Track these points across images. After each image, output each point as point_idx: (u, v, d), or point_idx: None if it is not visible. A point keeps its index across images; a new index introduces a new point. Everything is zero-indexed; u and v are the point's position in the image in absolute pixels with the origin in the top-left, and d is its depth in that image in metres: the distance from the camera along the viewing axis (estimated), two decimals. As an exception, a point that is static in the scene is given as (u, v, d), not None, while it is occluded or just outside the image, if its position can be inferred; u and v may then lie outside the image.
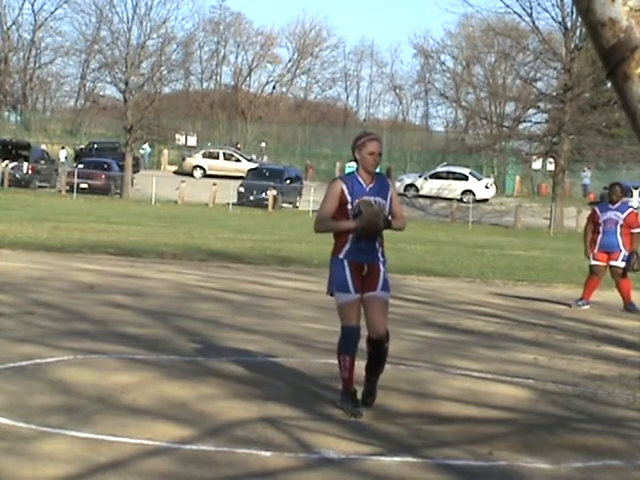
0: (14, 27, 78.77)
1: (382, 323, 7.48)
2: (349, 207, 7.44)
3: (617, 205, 15.29)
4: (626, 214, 15.23)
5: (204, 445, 6.32)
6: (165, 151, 63.86)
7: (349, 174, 7.75)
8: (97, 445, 6.17)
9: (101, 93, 74.12)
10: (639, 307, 15.10)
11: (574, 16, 46.22)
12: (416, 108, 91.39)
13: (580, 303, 15.33)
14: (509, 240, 37.36)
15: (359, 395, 7.54)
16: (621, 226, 15.14)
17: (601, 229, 15.22)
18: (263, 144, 67.85)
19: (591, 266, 15.32)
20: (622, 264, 15.15)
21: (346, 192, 7.47)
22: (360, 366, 7.64)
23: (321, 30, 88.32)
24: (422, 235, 35.86)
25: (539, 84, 54.51)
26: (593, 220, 15.40)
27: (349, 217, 7.41)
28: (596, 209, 15.58)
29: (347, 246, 7.47)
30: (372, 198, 7.44)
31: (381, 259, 7.57)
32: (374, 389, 7.64)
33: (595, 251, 15.24)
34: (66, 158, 60.46)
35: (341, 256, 7.49)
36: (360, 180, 7.52)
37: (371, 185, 7.53)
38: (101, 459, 5.90)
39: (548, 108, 52.23)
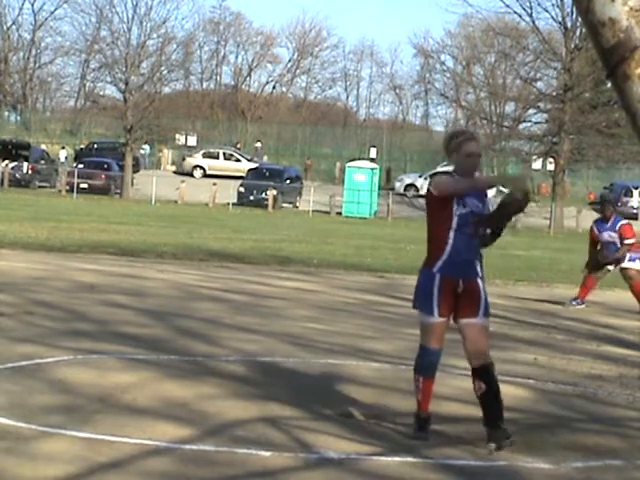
0: (14, 27, 78.88)
1: (485, 347, 6.67)
2: (454, 209, 6.62)
3: (610, 223, 15.25)
4: (618, 230, 15.18)
5: (204, 445, 6.32)
6: (165, 151, 63.80)
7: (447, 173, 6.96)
8: (97, 445, 6.17)
9: (101, 93, 74.12)
10: None
11: (574, 16, 46.17)
12: (416, 108, 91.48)
13: (574, 303, 15.32)
14: (509, 240, 37.35)
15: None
16: (618, 242, 15.15)
17: (601, 245, 15.26)
18: (259, 144, 67.74)
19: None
20: (631, 264, 15.14)
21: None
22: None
23: (321, 30, 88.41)
24: (422, 235, 35.75)
25: (539, 84, 54.50)
26: (592, 237, 15.40)
27: (451, 223, 6.61)
28: (594, 228, 15.50)
29: (443, 258, 6.64)
30: (471, 200, 6.68)
31: (479, 273, 6.72)
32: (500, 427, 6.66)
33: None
34: (66, 158, 60.45)
35: (434, 269, 6.68)
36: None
37: None
38: (101, 459, 5.90)
39: (548, 108, 52.20)
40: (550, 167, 54.38)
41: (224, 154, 59.90)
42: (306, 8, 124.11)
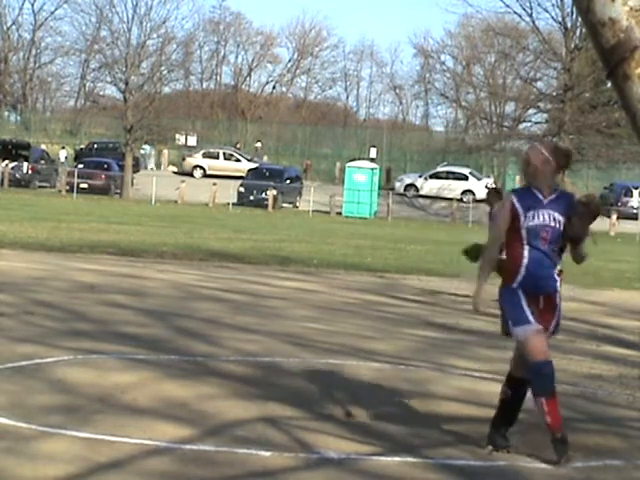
0: (14, 27, 78.79)
1: None
2: (521, 221, 6.46)
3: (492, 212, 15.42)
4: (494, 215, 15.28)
5: (204, 445, 6.32)
6: (165, 151, 63.79)
7: (523, 187, 6.74)
8: (97, 445, 6.17)
9: (101, 93, 74.18)
10: None
11: (574, 16, 46.20)
12: (416, 108, 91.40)
13: None
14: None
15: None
16: None
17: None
18: (259, 144, 67.74)
19: None
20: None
21: (517, 205, 6.51)
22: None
23: (321, 30, 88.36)
24: (422, 235, 35.85)
25: (539, 84, 54.53)
26: None
27: (521, 237, 6.46)
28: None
29: (522, 273, 6.48)
30: (549, 213, 6.48)
31: (557, 288, 6.55)
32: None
33: None
34: (66, 158, 60.44)
35: (515, 285, 6.50)
36: (535, 192, 6.54)
37: (550, 198, 6.52)
38: (101, 459, 5.90)
39: (548, 108, 52.22)
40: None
41: (224, 154, 59.87)
42: (306, 8, 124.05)
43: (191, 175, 57.81)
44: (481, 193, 55.61)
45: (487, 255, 6.74)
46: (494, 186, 17.32)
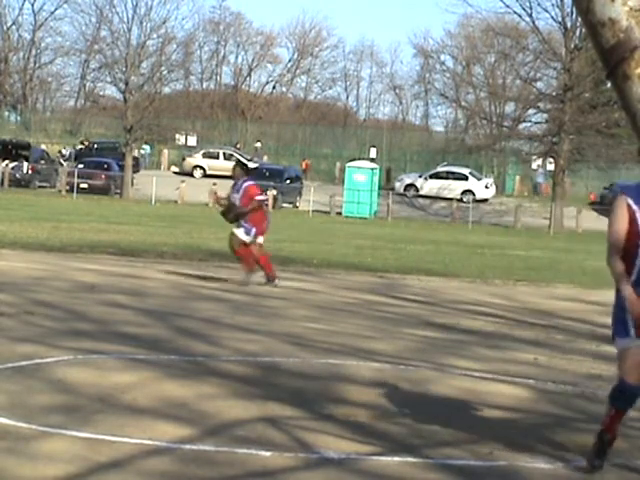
0: (14, 27, 78.81)
1: None
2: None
3: (237, 185, 16.23)
4: (242, 191, 16.00)
5: (204, 445, 6.32)
6: (165, 151, 63.79)
7: (637, 184, 6.17)
8: (97, 445, 6.17)
9: (101, 93, 74.21)
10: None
11: (574, 16, 46.16)
12: (416, 108, 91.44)
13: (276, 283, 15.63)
14: (509, 240, 37.34)
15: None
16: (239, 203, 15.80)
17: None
18: (259, 144, 67.71)
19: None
20: (240, 233, 15.81)
21: (634, 207, 5.99)
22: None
23: (321, 30, 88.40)
24: (422, 235, 35.86)
25: (539, 84, 54.52)
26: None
27: (638, 240, 5.96)
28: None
29: (634, 276, 6.00)
30: None
31: None
32: None
33: None
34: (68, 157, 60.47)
35: None
36: None
37: None
38: (101, 459, 5.90)
39: (548, 108, 52.21)
40: (550, 167, 54.40)
41: (224, 154, 59.86)
42: (306, 8, 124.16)
43: (191, 175, 57.82)
44: (481, 193, 55.74)
45: (612, 267, 6.10)
46: (242, 160, 18.15)
